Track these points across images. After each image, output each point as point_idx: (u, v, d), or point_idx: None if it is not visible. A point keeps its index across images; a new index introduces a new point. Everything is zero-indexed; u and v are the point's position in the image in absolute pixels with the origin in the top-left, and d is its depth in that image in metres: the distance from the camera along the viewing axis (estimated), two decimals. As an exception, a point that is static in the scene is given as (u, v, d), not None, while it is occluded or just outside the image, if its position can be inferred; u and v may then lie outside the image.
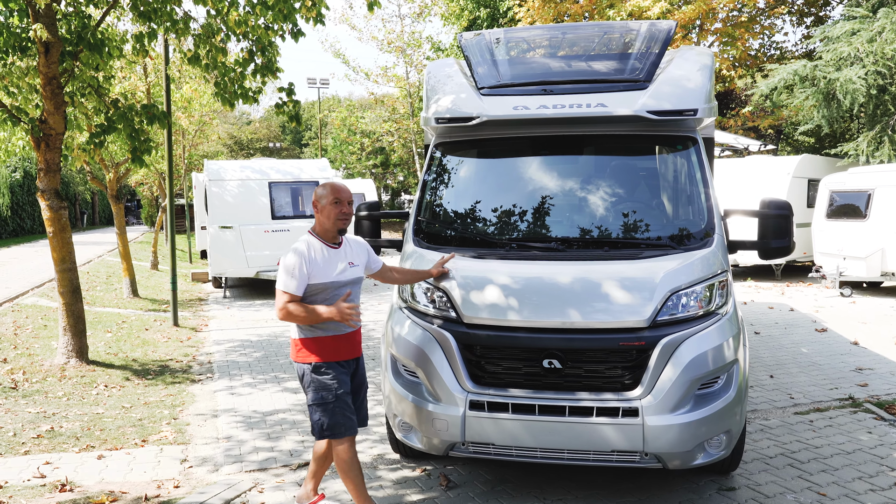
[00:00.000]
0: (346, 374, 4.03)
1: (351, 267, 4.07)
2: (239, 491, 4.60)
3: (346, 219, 4.01)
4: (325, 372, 3.94)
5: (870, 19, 16.13)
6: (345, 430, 3.95)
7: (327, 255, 3.97)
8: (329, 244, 4.01)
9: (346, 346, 4.03)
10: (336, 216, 3.97)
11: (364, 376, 4.27)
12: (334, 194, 3.99)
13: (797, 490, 4.56)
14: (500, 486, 4.68)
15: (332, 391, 3.93)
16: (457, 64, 5.80)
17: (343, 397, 3.96)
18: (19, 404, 6.70)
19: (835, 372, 7.69)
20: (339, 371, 3.99)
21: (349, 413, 3.98)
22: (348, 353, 4.06)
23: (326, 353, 3.96)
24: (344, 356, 4.02)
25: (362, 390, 4.26)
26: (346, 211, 4.00)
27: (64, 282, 8.03)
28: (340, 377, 3.98)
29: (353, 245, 4.21)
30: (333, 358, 3.97)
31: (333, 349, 3.97)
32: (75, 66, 7.82)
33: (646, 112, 4.71)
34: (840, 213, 14.26)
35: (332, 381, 3.94)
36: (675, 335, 4.04)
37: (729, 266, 4.55)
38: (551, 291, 4.24)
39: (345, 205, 4.00)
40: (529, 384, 4.18)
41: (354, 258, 4.14)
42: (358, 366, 4.19)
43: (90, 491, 4.66)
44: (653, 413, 3.95)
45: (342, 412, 3.94)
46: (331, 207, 3.97)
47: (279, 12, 7.50)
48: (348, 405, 3.99)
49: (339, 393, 3.94)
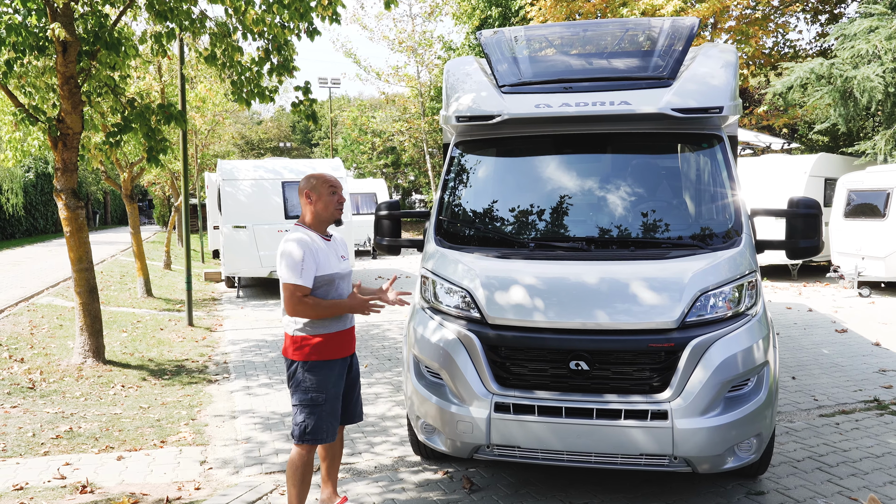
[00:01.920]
0: (343, 372, 3.96)
1: (344, 260, 4.04)
2: (261, 493, 4.56)
3: (342, 207, 3.99)
4: (321, 371, 3.83)
5: (888, 16, 15.95)
6: (326, 436, 3.86)
7: (324, 246, 3.90)
8: (323, 236, 3.95)
9: (344, 342, 3.97)
10: (335, 205, 3.93)
11: (356, 372, 4.20)
12: (329, 184, 3.93)
13: (828, 494, 4.48)
14: (523, 490, 4.62)
15: (325, 392, 3.82)
16: (476, 62, 5.73)
17: (333, 401, 3.87)
18: (37, 404, 6.69)
19: (858, 373, 7.58)
20: (338, 369, 3.91)
21: (334, 419, 3.89)
22: (350, 348, 4.02)
23: (330, 349, 3.86)
24: (343, 353, 3.95)
25: (356, 387, 4.20)
26: (342, 200, 3.98)
27: (81, 281, 8.03)
28: (337, 377, 3.90)
29: (338, 239, 4.16)
30: (337, 355, 3.89)
31: (335, 346, 3.88)
32: (92, 66, 7.81)
33: (670, 110, 4.64)
34: (858, 212, 14.11)
35: (327, 381, 3.84)
36: (705, 336, 3.97)
37: (757, 266, 4.46)
38: (577, 292, 4.18)
39: (339, 193, 3.97)
40: (556, 386, 4.11)
41: (344, 251, 4.10)
42: (353, 362, 4.14)
43: (111, 493, 4.63)
44: (682, 416, 3.88)
45: (328, 417, 3.85)
46: (329, 197, 3.91)
47: (295, 11, 7.47)
48: (334, 410, 3.89)
49: (332, 394, 3.86)
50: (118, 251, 25.31)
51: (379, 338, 10.00)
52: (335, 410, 3.89)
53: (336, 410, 3.91)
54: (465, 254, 4.64)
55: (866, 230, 13.73)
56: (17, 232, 33.97)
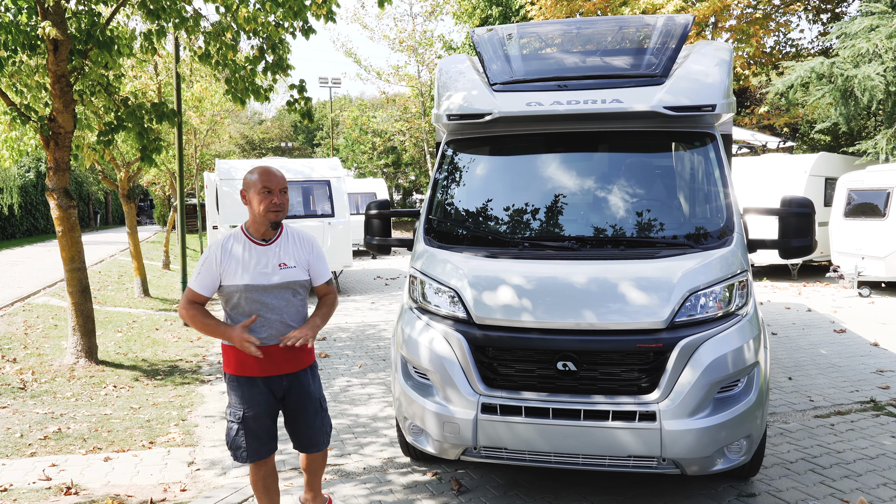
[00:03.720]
0: (266, 393, 3.55)
1: (283, 268, 3.52)
2: (246, 495, 4.51)
3: (278, 211, 3.47)
4: (238, 387, 3.53)
5: (889, 15, 15.87)
6: (246, 455, 3.54)
7: (249, 253, 3.47)
8: (256, 240, 3.51)
9: (273, 360, 3.51)
10: (266, 207, 3.44)
11: (306, 395, 3.68)
12: (263, 181, 3.44)
13: (820, 497, 4.42)
14: (512, 491, 4.57)
15: (239, 410, 3.52)
16: (469, 60, 5.68)
17: (250, 420, 3.51)
18: (27, 405, 6.65)
19: (855, 374, 7.52)
20: (256, 390, 3.52)
21: (253, 438, 3.55)
22: (276, 368, 3.54)
23: (246, 366, 3.48)
24: (269, 371, 3.52)
25: (307, 411, 3.70)
26: (277, 201, 3.46)
27: (73, 281, 8.00)
28: (255, 396, 3.52)
29: (296, 243, 3.64)
30: (254, 373, 3.50)
31: (255, 363, 3.47)
32: (85, 65, 7.77)
33: (662, 108, 4.59)
34: (858, 211, 14.03)
35: (243, 399, 3.52)
36: (694, 337, 3.91)
37: (749, 266, 4.41)
38: (565, 291, 4.13)
39: (276, 194, 3.46)
40: (543, 387, 4.06)
41: (290, 259, 3.57)
42: (295, 383, 3.64)
43: (95, 494, 4.59)
44: (671, 417, 3.83)
45: (245, 436, 3.53)
46: (259, 197, 3.44)
47: (289, 9, 7.43)
48: (253, 430, 3.53)
49: (246, 415, 3.51)
50: (117, 251, 25.28)
51: (374, 338, 9.96)
52: (251, 430, 3.55)
53: (258, 431, 3.56)
54: (453, 253, 4.60)
55: (866, 230, 13.65)
56: (18, 232, 33.98)
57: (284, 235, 3.63)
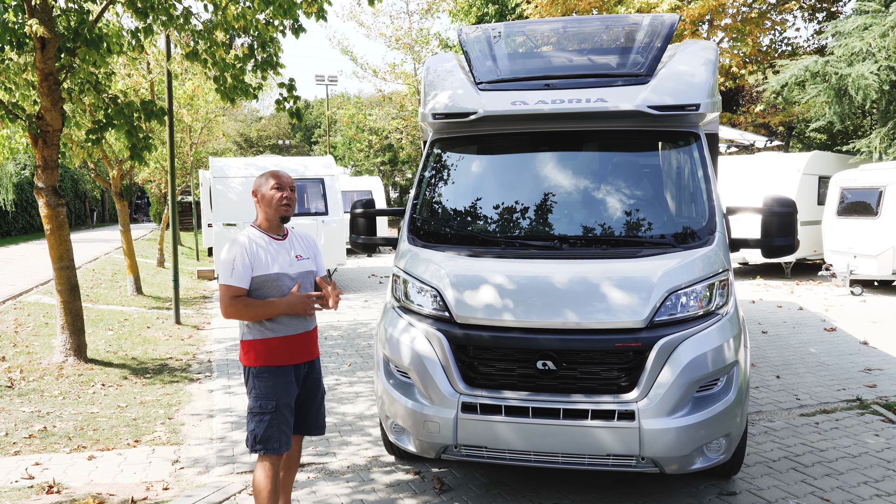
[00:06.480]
0: (293, 381, 3.72)
1: (299, 260, 3.81)
2: (228, 494, 4.52)
3: (289, 205, 3.76)
4: (269, 378, 3.64)
5: (882, 13, 15.87)
6: (278, 445, 3.64)
7: (272, 247, 3.71)
8: (274, 236, 3.76)
9: (299, 347, 3.74)
10: (278, 202, 3.72)
11: (318, 381, 3.95)
12: (275, 180, 3.74)
13: (800, 495, 4.43)
14: (494, 490, 4.58)
15: (272, 400, 3.63)
16: (456, 59, 5.68)
17: (283, 409, 3.66)
18: (14, 403, 6.64)
19: (843, 372, 7.53)
20: (286, 378, 3.68)
21: (286, 428, 3.68)
22: (302, 355, 3.76)
23: (276, 356, 3.66)
24: (297, 359, 3.74)
25: (317, 396, 3.94)
26: (287, 196, 3.75)
27: (62, 280, 7.98)
28: (286, 385, 3.68)
29: (303, 239, 3.96)
30: (284, 361, 3.68)
31: (286, 352, 3.68)
32: (73, 63, 7.76)
33: (646, 107, 4.60)
34: (851, 210, 14.05)
35: (276, 388, 3.64)
36: (674, 336, 3.92)
37: (730, 265, 4.42)
38: (546, 291, 4.13)
39: (287, 190, 3.75)
40: (523, 386, 4.07)
41: (302, 251, 3.87)
42: (311, 369, 3.88)
43: (77, 493, 4.59)
44: (650, 416, 3.84)
45: (279, 426, 3.64)
46: (272, 193, 3.72)
47: (279, 7, 7.42)
48: (286, 419, 3.68)
49: (280, 403, 3.64)
50: (112, 249, 25.26)
51: (365, 336, 9.95)
52: (286, 420, 3.68)
53: (287, 419, 3.69)
54: (436, 252, 4.60)
55: (859, 228, 13.67)
56: (13, 229, 33.94)
57: (293, 234, 3.93)
